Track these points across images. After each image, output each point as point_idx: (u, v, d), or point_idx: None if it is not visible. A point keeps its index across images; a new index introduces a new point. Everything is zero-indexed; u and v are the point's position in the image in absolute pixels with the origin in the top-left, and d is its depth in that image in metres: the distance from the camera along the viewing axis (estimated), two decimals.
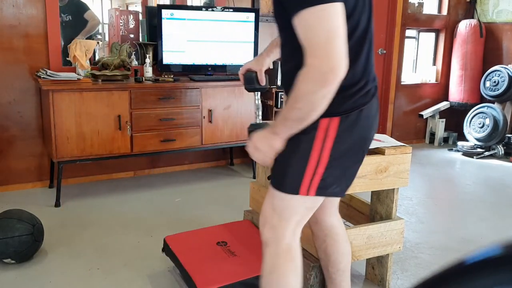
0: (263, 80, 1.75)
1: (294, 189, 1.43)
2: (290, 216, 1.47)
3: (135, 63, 3.80)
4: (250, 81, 1.75)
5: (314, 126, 1.36)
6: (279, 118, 1.36)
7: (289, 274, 1.48)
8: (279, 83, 3.96)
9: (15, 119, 3.44)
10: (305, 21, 1.22)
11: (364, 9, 1.36)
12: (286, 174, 1.43)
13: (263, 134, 1.43)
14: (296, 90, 1.27)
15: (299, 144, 1.40)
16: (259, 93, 1.83)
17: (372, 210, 2.29)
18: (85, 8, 3.89)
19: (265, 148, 1.42)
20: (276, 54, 1.79)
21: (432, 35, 5.54)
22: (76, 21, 3.83)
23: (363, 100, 1.40)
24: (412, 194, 3.71)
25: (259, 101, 1.84)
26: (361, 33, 1.36)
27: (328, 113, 1.33)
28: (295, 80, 1.27)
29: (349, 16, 1.28)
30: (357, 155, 1.47)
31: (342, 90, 1.30)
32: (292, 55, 1.40)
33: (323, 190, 1.44)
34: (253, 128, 1.71)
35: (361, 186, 2.00)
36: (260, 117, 1.84)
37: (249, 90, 1.80)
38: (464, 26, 5.25)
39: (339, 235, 1.80)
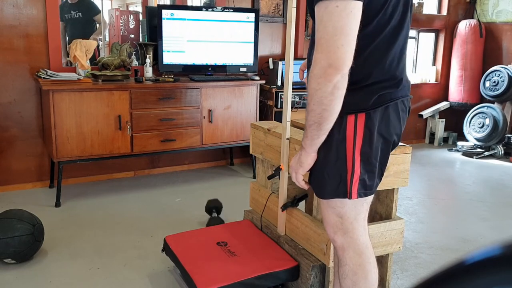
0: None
1: (345, 194, 1.43)
2: (357, 215, 1.48)
3: (135, 63, 3.81)
4: None
5: (343, 127, 1.37)
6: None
7: (372, 269, 1.52)
8: (279, 83, 3.96)
9: (15, 119, 3.44)
10: (319, 14, 1.23)
11: (397, 9, 1.34)
12: (333, 181, 1.43)
13: (297, 154, 1.44)
14: (308, 91, 1.29)
15: (332, 148, 1.39)
16: None
17: (372, 210, 2.28)
18: (96, 10, 3.99)
19: (296, 165, 1.41)
20: None
21: (432, 35, 5.54)
22: (85, 19, 3.86)
23: (390, 97, 1.39)
24: (412, 194, 3.71)
25: None
26: (391, 32, 1.35)
27: (354, 109, 1.34)
28: None
29: (376, 15, 1.29)
30: (384, 151, 1.45)
31: (367, 85, 1.31)
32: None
33: (363, 190, 1.43)
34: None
35: None
36: None
37: None
38: (464, 26, 5.25)
39: None
